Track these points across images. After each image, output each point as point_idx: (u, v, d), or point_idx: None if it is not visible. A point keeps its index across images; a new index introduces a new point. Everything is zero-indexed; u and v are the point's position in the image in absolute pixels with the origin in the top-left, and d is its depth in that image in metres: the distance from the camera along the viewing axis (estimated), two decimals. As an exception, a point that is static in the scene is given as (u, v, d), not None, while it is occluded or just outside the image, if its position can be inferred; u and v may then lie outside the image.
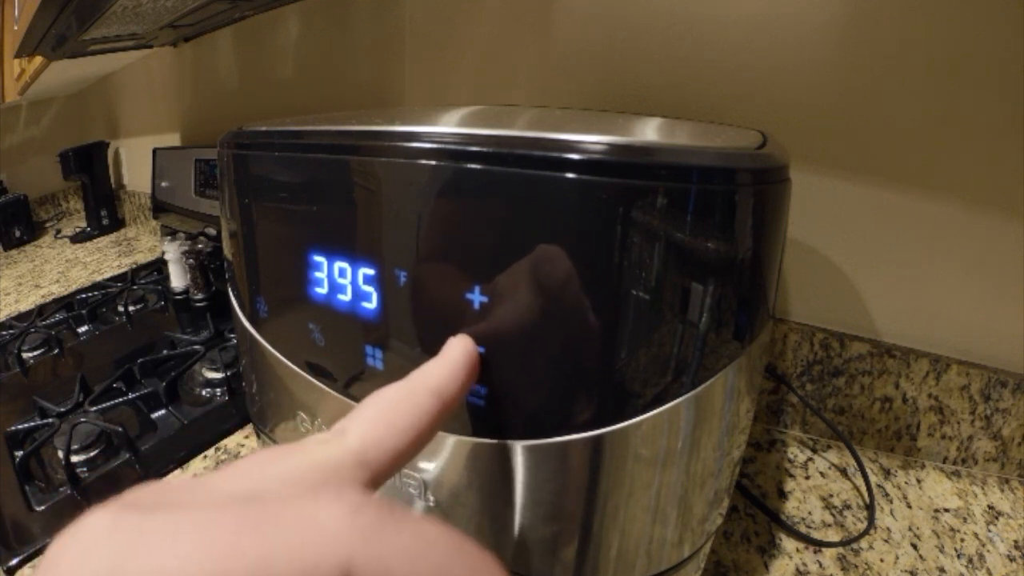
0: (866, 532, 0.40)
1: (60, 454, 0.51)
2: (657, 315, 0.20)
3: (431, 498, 0.26)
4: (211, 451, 0.53)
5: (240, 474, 0.14)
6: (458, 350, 0.20)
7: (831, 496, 0.44)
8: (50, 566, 0.12)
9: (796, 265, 0.49)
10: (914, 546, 0.40)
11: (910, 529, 0.41)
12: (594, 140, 0.20)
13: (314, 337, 0.28)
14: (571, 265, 0.20)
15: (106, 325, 0.83)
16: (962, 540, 0.40)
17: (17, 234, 1.40)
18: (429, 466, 0.26)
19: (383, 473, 0.16)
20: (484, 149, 0.21)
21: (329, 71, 0.78)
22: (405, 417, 0.17)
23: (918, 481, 0.46)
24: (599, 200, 0.19)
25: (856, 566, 0.38)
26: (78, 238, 1.33)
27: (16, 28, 0.74)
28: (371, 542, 0.12)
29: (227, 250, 0.34)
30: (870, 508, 0.42)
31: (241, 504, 0.12)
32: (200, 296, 0.85)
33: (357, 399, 0.27)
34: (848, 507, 0.43)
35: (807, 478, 0.46)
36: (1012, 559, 0.39)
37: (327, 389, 0.28)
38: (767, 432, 0.52)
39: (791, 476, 0.47)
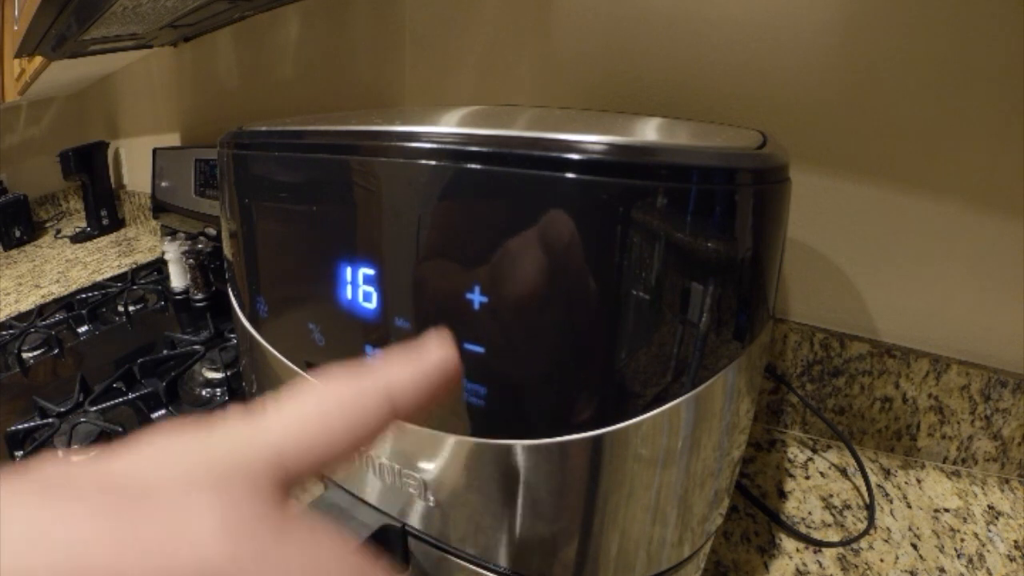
0: (866, 532, 0.40)
1: (60, 454, 0.51)
2: (657, 315, 0.20)
3: (431, 498, 0.26)
4: (211, 451, 0.52)
5: (144, 457, 0.13)
6: (433, 354, 0.17)
7: (831, 496, 0.44)
8: None
9: (796, 265, 0.49)
10: (914, 546, 0.40)
11: (910, 529, 0.41)
12: (594, 140, 0.20)
13: (314, 337, 0.28)
14: (571, 265, 0.20)
15: (106, 325, 0.83)
16: (962, 540, 0.40)
17: (17, 234, 1.40)
18: (429, 466, 0.26)
19: (298, 479, 0.14)
20: (484, 149, 0.21)
21: (329, 71, 0.78)
22: (344, 421, 0.15)
23: (918, 481, 0.46)
24: (599, 200, 0.19)
25: (856, 566, 0.38)
26: (78, 238, 1.33)
27: (16, 28, 0.74)
28: (245, 568, 0.11)
29: (227, 250, 0.34)
30: (870, 508, 0.42)
31: (111, 494, 0.11)
32: (200, 296, 0.85)
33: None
34: (848, 507, 0.43)
35: (807, 478, 0.46)
36: (1012, 559, 0.39)
37: (327, 389, 0.28)
38: (767, 432, 0.52)
39: (791, 476, 0.47)
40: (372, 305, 0.25)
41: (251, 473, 0.13)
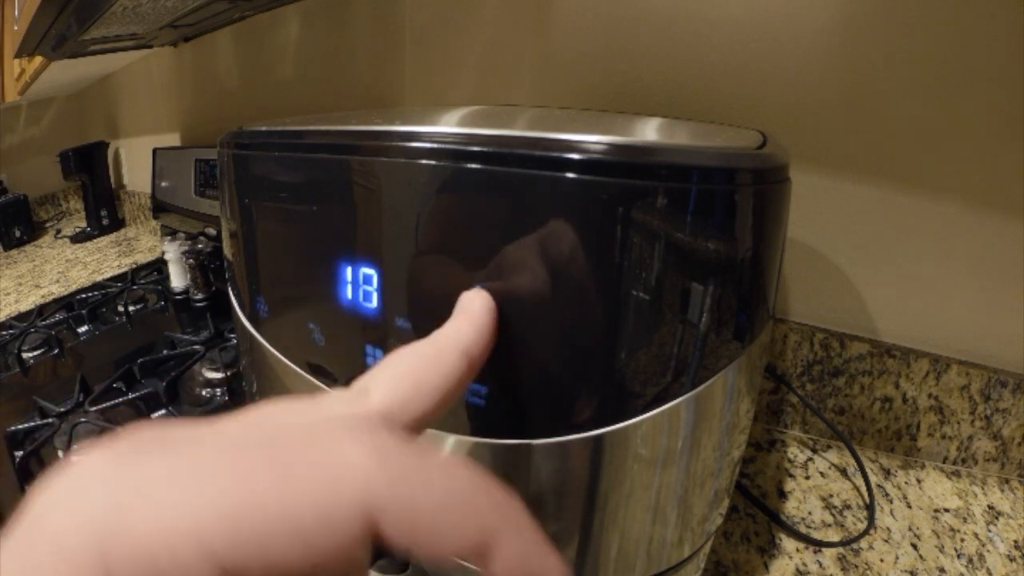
0: (866, 532, 0.40)
1: (60, 454, 0.51)
2: (657, 315, 0.20)
3: (431, 498, 0.26)
4: (211, 451, 0.52)
5: (251, 423, 0.13)
6: (482, 307, 0.19)
7: (831, 496, 0.44)
8: (38, 517, 0.10)
9: (796, 265, 0.49)
10: (914, 546, 0.40)
11: (910, 529, 0.41)
12: (594, 140, 0.20)
13: (314, 337, 0.28)
14: (571, 265, 0.20)
15: (106, 325, 0.83)
16: (962, 540, 0.40)
17: (17, 234, 1.40)
18: (429, 466, 0.26)
19: (409, 435, 0.15)
20: (484, 149, 0.21)
21: (329, 71, 0.78)
22: (433, 377, 0.16)
23: (918, 481, 0.46)
24: (599, 200, 0.19)
25: (856, 566, 0.38)
26: (78, 238, 1.33)
27: (16, 28, 0.74)
28: (399, 486, 0.11)
29: (227, 250, 0.34)
30: (870, 508, 0.42)
31: (256, 444, 0.12)
32: (200, 296, 0.85)
33: (357, 399, 0.27)
34: (848, 507, 0.43)
35: (807, 478, 0.46)
36: (1012, 559, 0.39)
37: (327, 389, 0.28)
38: (767, 432, 0.52)
39: (791, 476, 0.47)
40: (372, 305, 0.25)
41: (375, 421, 0.14)
